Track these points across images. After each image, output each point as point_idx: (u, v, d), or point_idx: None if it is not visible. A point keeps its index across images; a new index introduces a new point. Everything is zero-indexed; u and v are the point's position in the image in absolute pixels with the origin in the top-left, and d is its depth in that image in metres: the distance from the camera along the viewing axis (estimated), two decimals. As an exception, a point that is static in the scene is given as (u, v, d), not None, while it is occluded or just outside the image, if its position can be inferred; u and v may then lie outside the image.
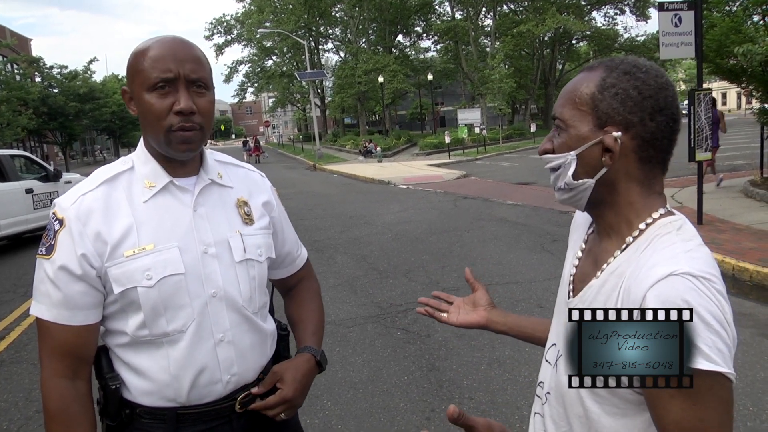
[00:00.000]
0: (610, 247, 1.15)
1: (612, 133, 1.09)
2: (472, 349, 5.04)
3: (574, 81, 1.17)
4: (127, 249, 1.42)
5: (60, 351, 1.43)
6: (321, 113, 59.56)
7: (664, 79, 1.11)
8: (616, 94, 1.09)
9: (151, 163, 1.50)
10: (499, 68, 41.48)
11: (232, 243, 1.53)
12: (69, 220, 1.41)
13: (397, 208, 14.12)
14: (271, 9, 52.03)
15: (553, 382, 1.23)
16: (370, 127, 55.69)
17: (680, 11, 8.48)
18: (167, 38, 1.45)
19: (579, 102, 1.13)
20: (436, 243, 9.60)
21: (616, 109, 1.09)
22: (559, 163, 1.16)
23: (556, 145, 1.17)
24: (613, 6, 50.46)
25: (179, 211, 1.49)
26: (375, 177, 22.28)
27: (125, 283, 1.41)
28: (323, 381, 4.62)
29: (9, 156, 11.99)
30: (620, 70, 1.11)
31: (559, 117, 1.16)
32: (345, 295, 6.93)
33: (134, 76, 1.42)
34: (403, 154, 37.44)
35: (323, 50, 60.52)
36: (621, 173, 1.11)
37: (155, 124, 1.41)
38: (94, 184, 1.46)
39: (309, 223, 12.64)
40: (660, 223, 1.11)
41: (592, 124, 1.11)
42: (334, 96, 53.58)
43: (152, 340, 1.46)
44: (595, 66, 1.16)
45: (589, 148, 1.11)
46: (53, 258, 1.41)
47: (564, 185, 1.16)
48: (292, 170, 31.90)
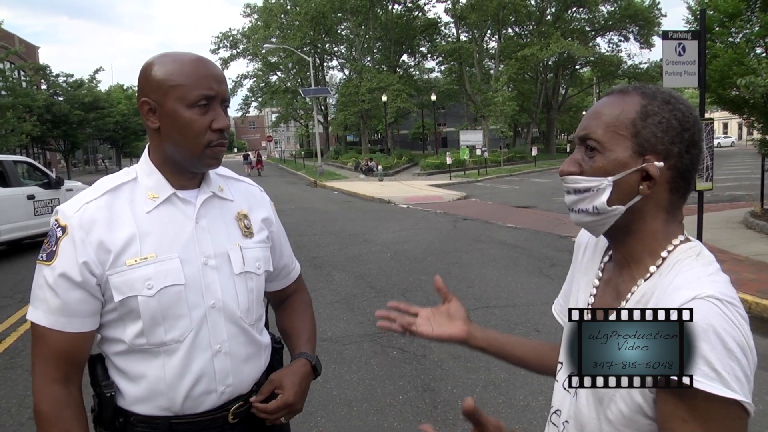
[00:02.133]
0: (633, 276, 1.14)
1: (654, 162, 1.08)
2: (467, 370, 5.03)
3: (607, 103, 1.14)
4: (129, 258, 1.43)
5: (54, 357, 1.43)
6: (324, 130, 59.78)
7: (696, 113, 1.13)
8: (659, 122, 1.09)
9: (155, 175, 1.52)
10: (502, 91, 41.77)
11: (232, 255, 1.56)
12: (72, 228, 1.42)
13: (396, 228, 14.13)
14: (278, 25, 52.54)
15: (572, 410, 1.20)
16: (372, 145, 55.81)
17: (684, 41, 8.54)
18: (200, 57, 1.50)
19: (618, 126, 1.10)
20: (434, 263, 9.60)
21: (659, 138, 1.08)
22: (591, 186, 1.12)
23: (589, 168, 1.13)
24: (617, 33, 50.98)
25: (181, 223, 1.51)
26: (375, 195, 22.34)
27: (126, 292, 1.43)
28: (318, 398, 4.61)
29: (12, 162, 12.02)
30: (661, 99, 1.10)
31: (593, 138, 1.12)
32: (342, 312, 6.92)
33: (168, 90, 1.43)
34: (404, 173, 37.51)
35: (328, 67, 61.04)
36: (652, 202, 1.11)
37: (193, 140, 1.45)
38: (97, 193, 1.47)
39: (308, 239, 12.64)
40: (680, 249, 1.12)
41: (631, 150, 1.09)
42: (337, 113, 53.91)
43: (149, 349, 1.47)
44: (628, 91, 1.14)
45: (628, 175, 1.09)
46: (54, 264, 1.41)
47: (593, 209, 1.12)
48: (292, 186, 31.97)
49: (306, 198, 23.53)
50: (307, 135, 69.19)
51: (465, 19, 45.95)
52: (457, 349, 5.53)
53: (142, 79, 1.48)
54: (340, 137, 66.74)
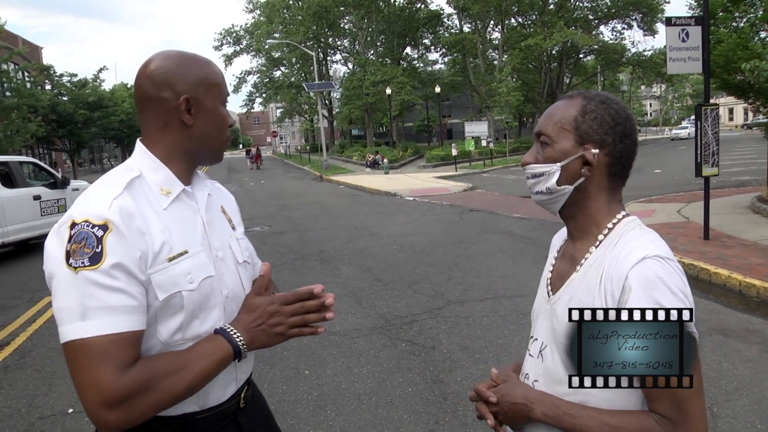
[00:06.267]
0: (584, 245, 1.40)
1: (591, 149, 1.35)
2: (476, 361, 5.02)
3: (557, 105, 1.43)
4: (166, 254, 1.39)
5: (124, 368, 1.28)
6: (328, 124, 59.79)
7: (629, 111, 1.41)
8: (595, 118, 1.36)
9: (162, 170, 1.49)
10: (506, 81, 41.57)
11: (233, 246, 1.60)
12: (115, 224, 1.30)
13: (403, 220, 14.11)
14: (280, 20, 52.41)
15: (540, 370, 1.42)
16: (378, 138, 55.75)
17: (687, 26, 8.48)
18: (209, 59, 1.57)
19: (563, 122, 1.38)
20: (441, 255, 9.58)
21: (595, 130, 1.35)
22: (543, 171, 1.40)
23: (542, 158, 1.41)
24: (620, 21, 50.59)
25: (193, 218, 1.51)
26: (381, 188, 22.33)
27: (170, 289, 1.38)
28: (328, 391, 4.62)
29: (18, 163, 12.07)
30: (597, 100, 1.38)
31: (544, 133, 1.40)
32: (350, 306, 6.92)
33: (209, 88, 1.50)
34: (410, 166, 37.49)
35: (332, 61, 60.88)
36: (594, 183, 1.38)
37: (224, 135, 1.57)
38: (118, 189, 1.38)
39: (315, 233, 12.65)
40: (624, 222, 1.38)
41: (574, 141, 1.37)
42: (342, 107, 53.77)
43: (184, 344, 1.42)
44: (574, 95, 1.42)
45: (572, 161, 1.37)
46: (103, 264, 1.28)
47: (546, 189, 1.41)
48: (298, 180, 31.98)
49: (312, 192, 23.51)
50: (312, 130, 69.11)
51: (468, 10, 45.71)
52: (466, 341, 5.52)
53: (176, 76, 1.45)
54: (345, 131, 66.67)
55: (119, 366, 1.26)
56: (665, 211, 12.33)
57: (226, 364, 1.43)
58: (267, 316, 1.47)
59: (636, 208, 12.96)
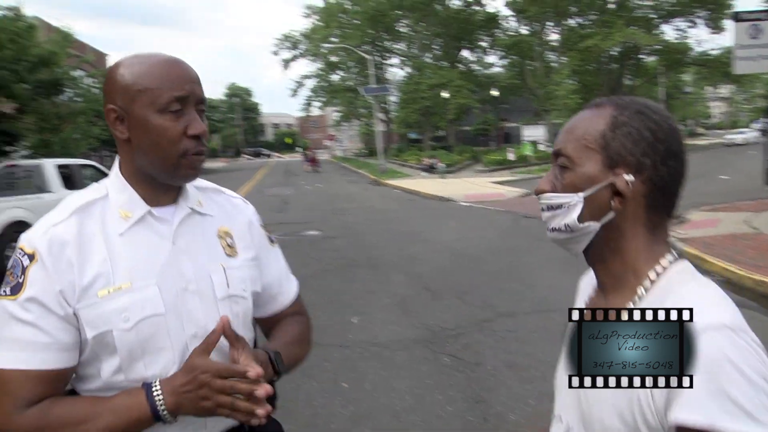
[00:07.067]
0: (619, 301, 1.06)
1: (624, 175, 1.03)
2: (522, 380, 4.76)
3: (581, 116, 1.11)
4: (101, 288, 1.25)
5: (26, 407, 1.21)
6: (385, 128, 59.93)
7: (674, 122, 1.07)
8: (628, 133, 1.04)
9: (127, 190, 1.35)
10: (564, 84, 40.78)
11: (215, 278, 1.38)
12: (41, 254, 1.24)
13: (456, 226, 13.89)
14: (337, 24, 52.92)
15: None
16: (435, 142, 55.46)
17: (760, 21, 7.99)
18: (171, 57, 1.33)
19: (588, 139, 1.06)
20: (493, 263, 9.33)
21: (629, 149, 1.03)
22: (562, 202, 1.08)
23: (560, 185, 1.09)
24: (684, 18, 48.80)
25: (157, 245, 1.33)
26: (436, 193, 22.12)
27: (100, 326, 1.25)
28: (365, 407, 4.46)
29: (78, 165, 12.43)
30: (632, 109, 1.05)
31: (563, 154, 1.09)
32: (395, 315, 6.76)
33: (136, 95, 1.27)
34: (466, 170, 37.20)
35: (388, 65, 61.00)
36: (628, 218, 1.05)
37: (167, 149, 1.28)
38: (64, 214, 1.29)
39: (367, 238, 12.56)
40: (672, 270, 1.05)
41: (601, 163, 1.05)
42: (399, 111, 53.86)
43: (129, 386, 1.28)
44: (603, 103, 1.09)
45: (599, 190, 1.05)
46: (21, 296, 1.22)
47: (564, 226, 1.08)
48: (354, 184, 32.05)
49: (366, 197, 23.48)
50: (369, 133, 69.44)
51: (525, 11, 45.10)
52: (512, 357, 5.28)
53: (107, 85, 1.32)
54: (402, 135, 66.71)
55: (17, 403, 1.19)
56: (731, 221, 11.51)
57: (142, 425, 1.22)
58: (197, 385, 1.20)
59: (698, 217, 12.28)
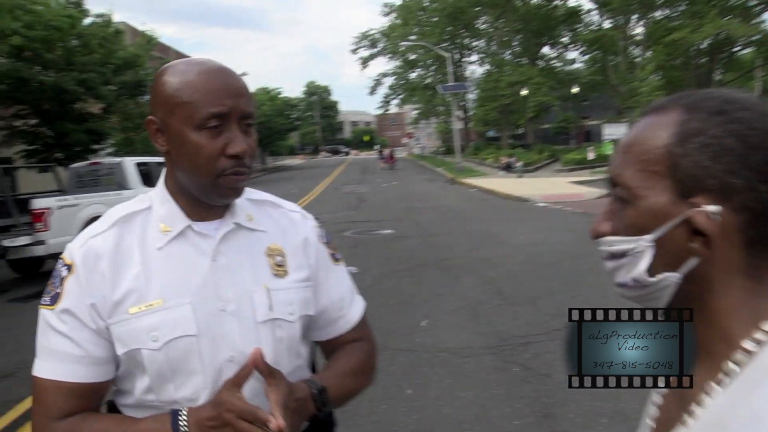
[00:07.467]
0: (703, 373, 0.76)
1: (703, 206, 0.72)
2: (593, 397, 4.51)
3: (640, 127, 0.80)
4: (132, 304, 1.22)
5: (63, 417, 1.22)
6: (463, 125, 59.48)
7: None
8: (704, 145, 0.72)
9: (169, 203, 1.30)
10: (649, 80, 39.24)
11: (256, 299, 1.29)
12: (77, 266, 1.24)
13: (531, 228, 13.54)
14: (416, 22, 52.96)
15: None
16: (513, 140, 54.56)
17: None
18: (214, 67, 1.24)
19: (649, 160, 0.76)
20: (569, 268, 9.02)
21: (706, 168, 0.72)
22: (625, 249, 0.78)
23: (621, 224, 0.80)
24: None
25: (195, 261, 1.27)
26: (513, 193, 21.67)
27: (129, 344, 1.22)
28: (428, 416, 4.37)
29: (156, 163, 12.86)
30: (708, 110, 0.74)
31: (620, 183, 0.80)
32: (465, 321, 6.62)
33: (174, 108, 1.20)
34: (545, 169, 36.42)
35: (467, 62, 60.51)
36: (719, 263, 0.74)
37: (203, 168, 1.21)
38: (105, 226, 1.29)
39: (440, 239, 12.44)
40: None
41: (670, 191, 0.74)
42: (477, 108, 53.34)
43: (160, 407, 1.25)
44: (668, 104, 0.79)
45: (671, 229, 0.75)
46: (58, 306, 1.23)
47: (632, 281, 0.79)
48: (429, 183, 31.91)
49: (442, 196, 23.30)
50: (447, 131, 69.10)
51: (608, 4, 43.61)
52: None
53: (152, 92, 1.27)
54: (480, 133, 66.04)
55: (50, 414, 1.22)
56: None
57: None
58: (221, 422, 1.13)
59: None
